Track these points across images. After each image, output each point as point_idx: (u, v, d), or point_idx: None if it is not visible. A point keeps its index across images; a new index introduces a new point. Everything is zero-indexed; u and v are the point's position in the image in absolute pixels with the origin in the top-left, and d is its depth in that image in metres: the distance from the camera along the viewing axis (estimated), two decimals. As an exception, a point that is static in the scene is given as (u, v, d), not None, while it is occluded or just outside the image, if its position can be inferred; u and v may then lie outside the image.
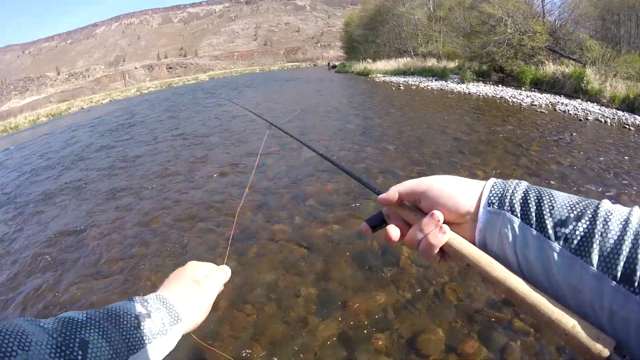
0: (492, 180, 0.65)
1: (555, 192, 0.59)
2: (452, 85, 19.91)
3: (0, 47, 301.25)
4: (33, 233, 6.85)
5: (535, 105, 13.09)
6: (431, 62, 29.53)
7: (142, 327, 0.65)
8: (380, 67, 35.48)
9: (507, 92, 16.07)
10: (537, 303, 0.52)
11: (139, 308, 0.68)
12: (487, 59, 22.17)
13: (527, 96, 14.91)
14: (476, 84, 20.01)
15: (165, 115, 21.15)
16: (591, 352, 0.47)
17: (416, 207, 0.71)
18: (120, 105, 37.59)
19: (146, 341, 0.65)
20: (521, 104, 13.41)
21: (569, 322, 0.49)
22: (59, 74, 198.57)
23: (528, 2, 21.66)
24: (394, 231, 0.69)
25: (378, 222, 0.74)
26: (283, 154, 9.12)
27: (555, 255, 0.53)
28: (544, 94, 15.31)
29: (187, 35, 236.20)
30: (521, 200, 0.59)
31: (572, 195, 0.58)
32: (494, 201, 0.61)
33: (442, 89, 19.13)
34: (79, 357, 0.52)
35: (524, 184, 0.62)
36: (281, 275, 4.66)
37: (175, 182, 8.40)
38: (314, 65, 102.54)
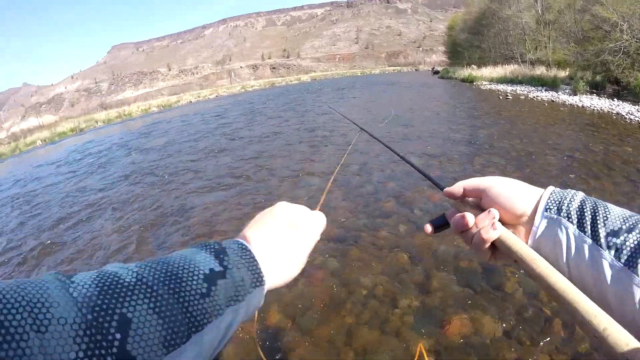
0: (551, 188, 0.70)
1: (610, 205, 0.64)
2: (563, 97, 19.02)
3: (116, 44, 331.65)
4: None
5: None
6: (540, 70, 28.21)
7: (212, 294, 0.51)
8: (486, 73, 34.59)
9: (624, 108, 15.00)
10: (574, 300, 0.54)
11: (211, 263, 0.54)
12: (601, 69, 20.58)
13: (647, 113, 13.87)
14: (590, 96, 18.72)
15: (281, 110, 22.25)
16: (616, 356, 0.48)
17: (477, 205, 0.77)
18: (229, 101, 39.17)
19: (215, 313, 0.50)
20: (640, 122, 12.63)
21: (601, 324, 0.50)
22: (169, 70, 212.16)
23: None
24: (469, 217, 0.72)
25: (441, 222, 0.80)
26: (389, 163, 9.26)
27: (606, 264, 0.57)
28: None
29: (289, 37, 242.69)
30: (578, 209, 0.64)
31: (627, 210, 0.62)
32: (552, 207, 0.66)
33: (553, 101, 18.38)
34: (115, 344, 0.39)
35: (580, 195, 0.67)
36: (381, 282, 4.69)
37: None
38: (416, 69, 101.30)
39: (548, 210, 0.66)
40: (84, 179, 13.25)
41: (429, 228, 0.80)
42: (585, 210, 0.63)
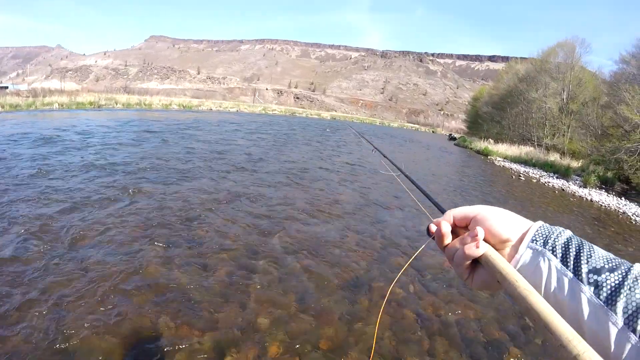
0: (540, 222, 0.73)
1: (595, 246, 0.65)
2: (573, 188, 19.39)
3: (155, 35, 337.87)
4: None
5: None
6: (554, 157, 28.83)
7: None
8: (501, 150, 35.01)
9: (631, 209, 15.47)
10: (552, 324, 0.55)
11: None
12: (614, 166, 21.21)
13: (653, 216, 14.15)
14: (599, 191, 19.25)
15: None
16: None
17: (465, 229, 0.81)
18: (249, 118, 39.29)
19: None
20: (645, 224, 12.85)
21: (575, 350, 0.51)
22: (198, 73, 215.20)
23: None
24: (445, 226, 0.80)
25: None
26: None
27: (585, 299, 0.58)
28: None
29: (320, 72, 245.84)
30: (563, 245, 0.66)
31: (611, 253, 0.64)
32: (538, 239, 0.68)
33: (563, 189, 18.72)
34: None
35: (568, 232, 0.69)
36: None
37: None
38: (433, 131, 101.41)
39: (534, 241, 0.69)
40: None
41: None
42: (570, 246, 0.66)
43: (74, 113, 28.45)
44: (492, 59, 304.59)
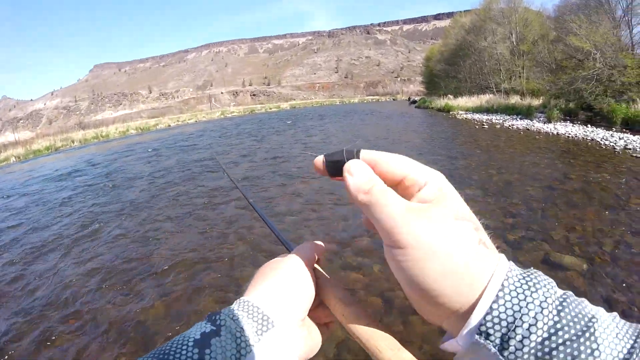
0: (504, 273, 0.39)
1: (602, 336, 0.34)
2: (538, 125, 19.36)
3: (99, 64, 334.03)
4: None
5: (630, 149, 12.31)
6: (515, 99, 29.11)
7: (207, 356, 0.44)
8: (462, 103, 35.31)
9: (598, 134, 15.39)
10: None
11: (202, 327, 0.47)
12: (574, 96, 21.35)
13: (620, 138, 14.13)
14: (564, 123, 19.31)
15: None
16: None
17: None
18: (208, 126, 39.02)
19: None
20: (614, 148, 12.74)
21: None
22: (150, 92, 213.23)
23: (616, 34, 20.86)
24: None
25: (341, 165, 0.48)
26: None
27: None
28: (637, 136, 14.39)
29: (271, 65, 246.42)
30: (537, 351, 0.34)
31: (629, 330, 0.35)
32: (491, 332, 0.36)
33: (528, 129, 18.65)
34: None
35: (552, 306, 0.35)
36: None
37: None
38: (394, 99, 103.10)
39: (481, 334, 0.36)
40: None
41: (321, 164, 0.49)
42: (553, 356, 0.33)
43: (33, 163, 28.26)
44: (437, 17, 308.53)
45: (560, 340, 0.34)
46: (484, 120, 23.84)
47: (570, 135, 15.89)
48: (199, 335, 0.46)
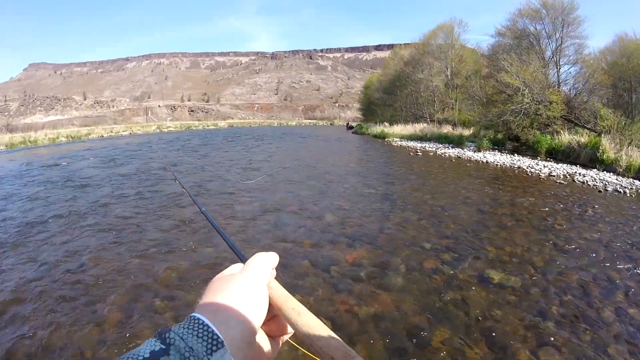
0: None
1: None
2: (469, 154, 20.29)
3: (34, 63, 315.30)
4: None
5: (554, 176, 13.22)
6: (447, 129, 30.45)
7: None
8: (397, 131, 36.22)
9: (524, 162, 16.31)
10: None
11: (152, 346, 0.46)
12: (503, 128, 22.76)
13: (544, 166, 15.13)
14: (492, 152, 20.55)
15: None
16: None
17: None
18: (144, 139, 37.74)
19: None
20: (539, 175, 13.56)
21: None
22: (85, 99, 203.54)
23: (544, 73, 22.36)
24: None
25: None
26: (305, 214, 8.82)
27: None
28: (560, 164, 15.72)
29: (212, 81, 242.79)
30: None
31: None
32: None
33: (459, 157, 19.40)
34: None
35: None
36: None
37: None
38: (331, 124, 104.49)
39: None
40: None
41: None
42: None
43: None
44: (378, 48, 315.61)
45: None
46: (418, 148, 24.48)
47: (498, 164, 16.65)
48: (148, 354, 0.45)
